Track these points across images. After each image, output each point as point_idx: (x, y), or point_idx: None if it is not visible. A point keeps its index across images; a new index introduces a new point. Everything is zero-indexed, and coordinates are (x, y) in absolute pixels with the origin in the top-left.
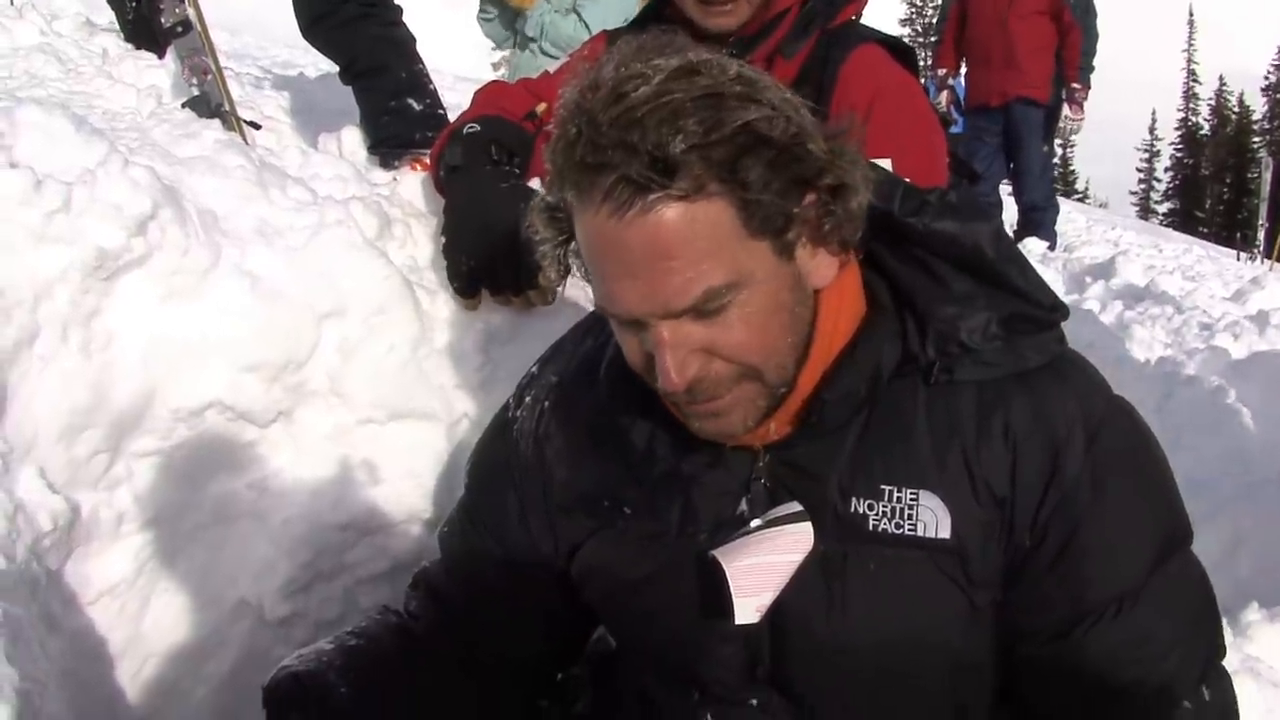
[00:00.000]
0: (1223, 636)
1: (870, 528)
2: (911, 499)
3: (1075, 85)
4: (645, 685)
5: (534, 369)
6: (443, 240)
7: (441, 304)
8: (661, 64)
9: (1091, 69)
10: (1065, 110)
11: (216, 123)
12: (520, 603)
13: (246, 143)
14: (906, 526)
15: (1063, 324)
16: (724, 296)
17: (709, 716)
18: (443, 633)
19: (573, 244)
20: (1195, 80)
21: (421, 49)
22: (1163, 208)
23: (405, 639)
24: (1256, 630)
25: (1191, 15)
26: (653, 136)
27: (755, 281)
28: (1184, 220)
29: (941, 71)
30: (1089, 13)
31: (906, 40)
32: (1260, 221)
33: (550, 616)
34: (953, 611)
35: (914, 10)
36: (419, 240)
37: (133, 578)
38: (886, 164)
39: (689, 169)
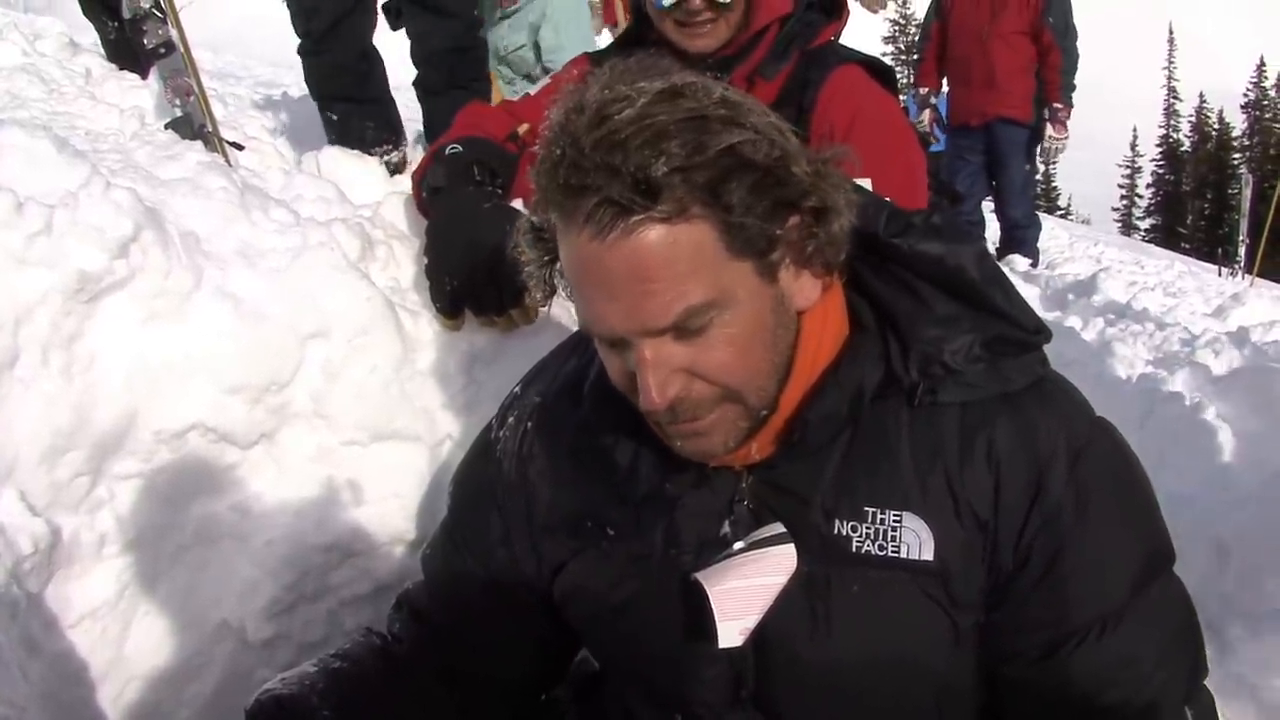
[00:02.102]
0: (1205, 656)
1: (854, 549)
2: (895, 520)
3: (1057, 105)
4: (629, 706)
5: (517, 389)
6: (425, 261)
7: (424, 325)
8: (645, 87)
9: (1073, 88)
10: (1049, 130)
11: (199, 144)
12: (502, 624)
13: (229, 164)
14: (890, 548)
15: (1045, 344)
16: (705, 315)
17: None
18: (425, 654)
19: (558, 264)
20: (1176, 97)
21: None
22: (1145, 224)
23: (388, 661)
24: (1240, 646)
25: (1172, 33)
26: (635, 159)
27: (737, 302)
28: (1166, 236)
29: (924, 90)
30: (1069, 34)
31: (889, 59)
32: (1241, 237)
33: (533, 638)
34: (936, 633)
35: (897, 28)
36: (401, 261)
37: (114, 600)
38: (867, 184)
39: (671, 191)
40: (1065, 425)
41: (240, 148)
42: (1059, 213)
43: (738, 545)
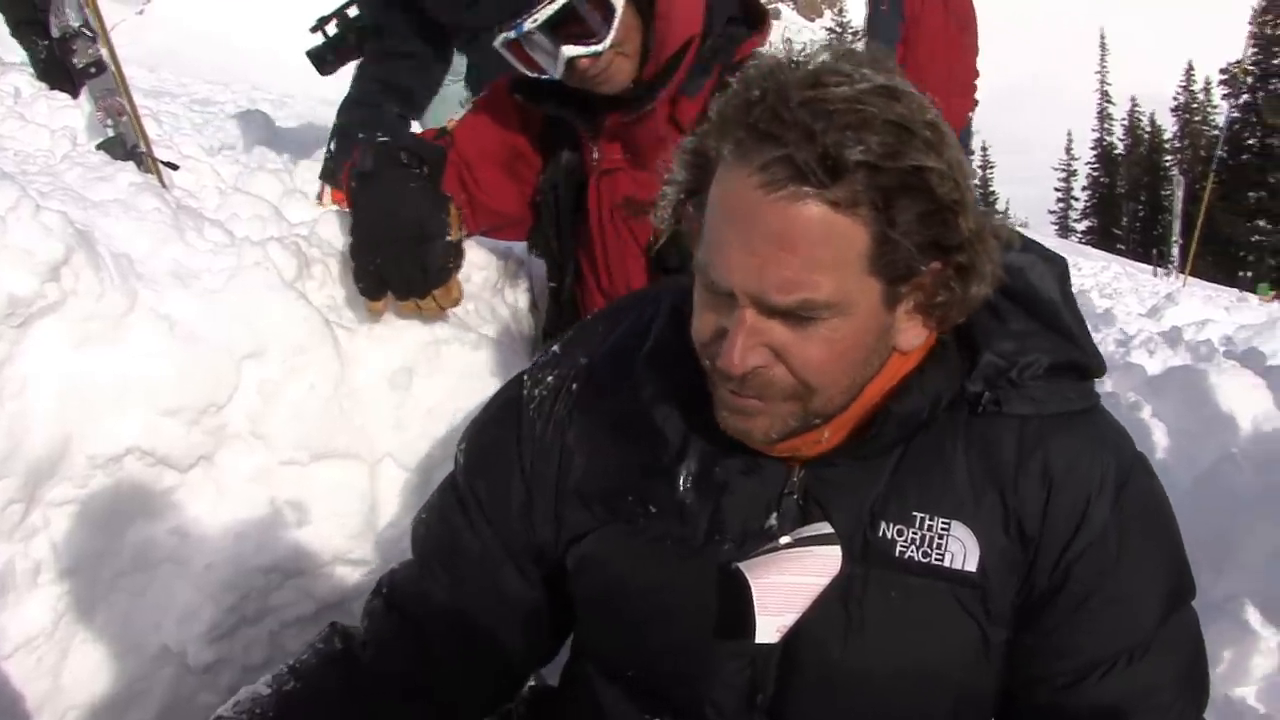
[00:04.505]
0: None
1: (897, 554)
2: (943, 528)
3: None
4: (601, 704)
5: (556, 348)
6: (349, 242)
7: (361, 342)
8: (868, 74)
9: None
10: None
11: (131, 165)
12: (495, 609)
13: (163, 184)
14: (934, 556)
15: (1101, 375)
16: (819, 312)
17: None
18: (394, 662)
19: (694, 198)
20: (1109, 101)
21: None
22: (1081, 226)
23: (348, 673)
24: None
25: (1103, 38)
26: (834, 134)
27: (853, 314)
28: (1102, 238)
29: None
30: None
31: None
32: (1174, 238)
33: (521, 630)
34: (967, 645)
35: (834, 36)
36: (338, 279)
37: (50, 629)
38: None
39: (853, 180)
40: (1115, 455)
41: (175, 167)
42: (997, 216)
43: (783, 540)
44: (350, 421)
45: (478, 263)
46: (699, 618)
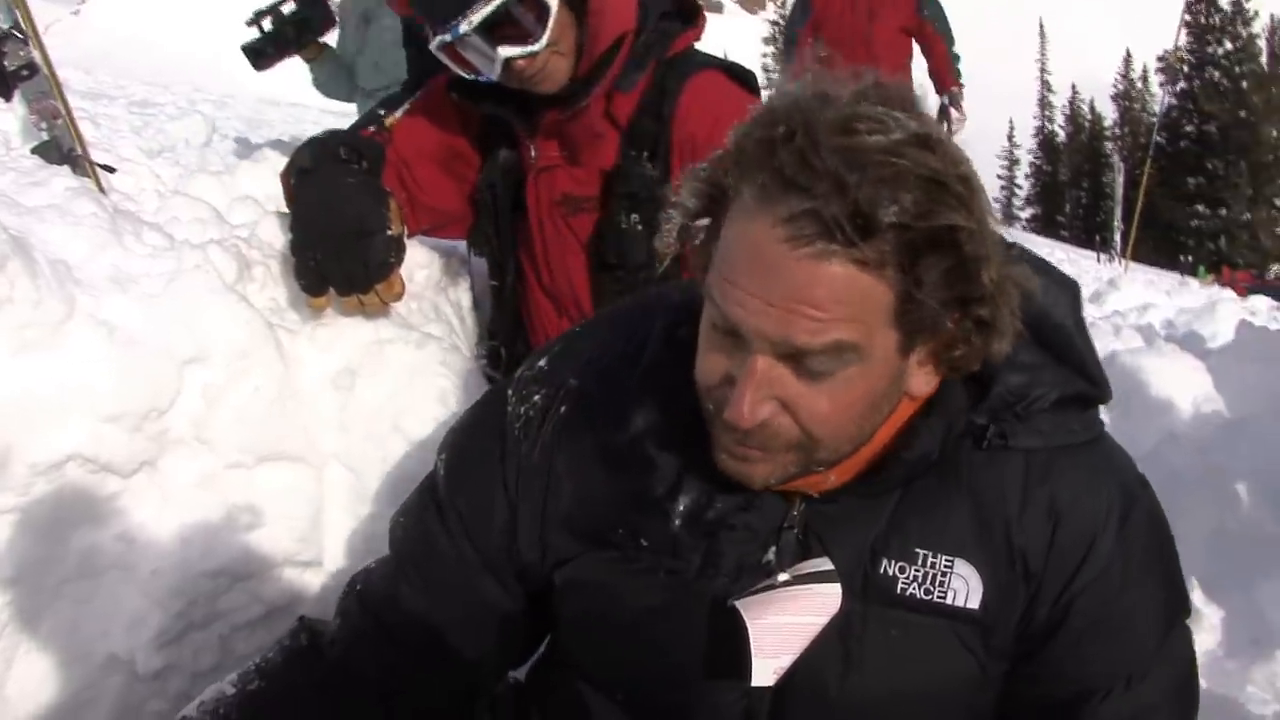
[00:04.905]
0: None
1: (898, 591)
2: (946, 566)
3: (954, 89)
4: (588, 705)
5: (542, 363)
6: (289, 239)
7: (304, 343)
8: (901, 121)
9: (959, 72)
10: (952, 114)
11: (66, 169)
12: (463, 616)
13: (101, 188)
14: (936, 594)
15: (1107, 401)
16: (842, 359)
17: None
18: (359, 662)
19: (703, 224)
20: (1049, 90)
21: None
22: (1025, 213)
23: (314, 671)
24: None
25: (1042, 27)
26: (868, 190)
27: (869, 362)
28: (1045, 225)
29: None
30: (945, 21)
31: (769, 59)
32: (1116, 223)
33: (497, 635)
34: (966, 679)
35: (777, 29)
36: (280, 281)
37: None
38: None
39: (883, 241)
40: (1120, 485)
41: (112, 170)
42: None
43: (782, 577)
44: (294, 424)
45: (420, 261)
46: (692, 650)
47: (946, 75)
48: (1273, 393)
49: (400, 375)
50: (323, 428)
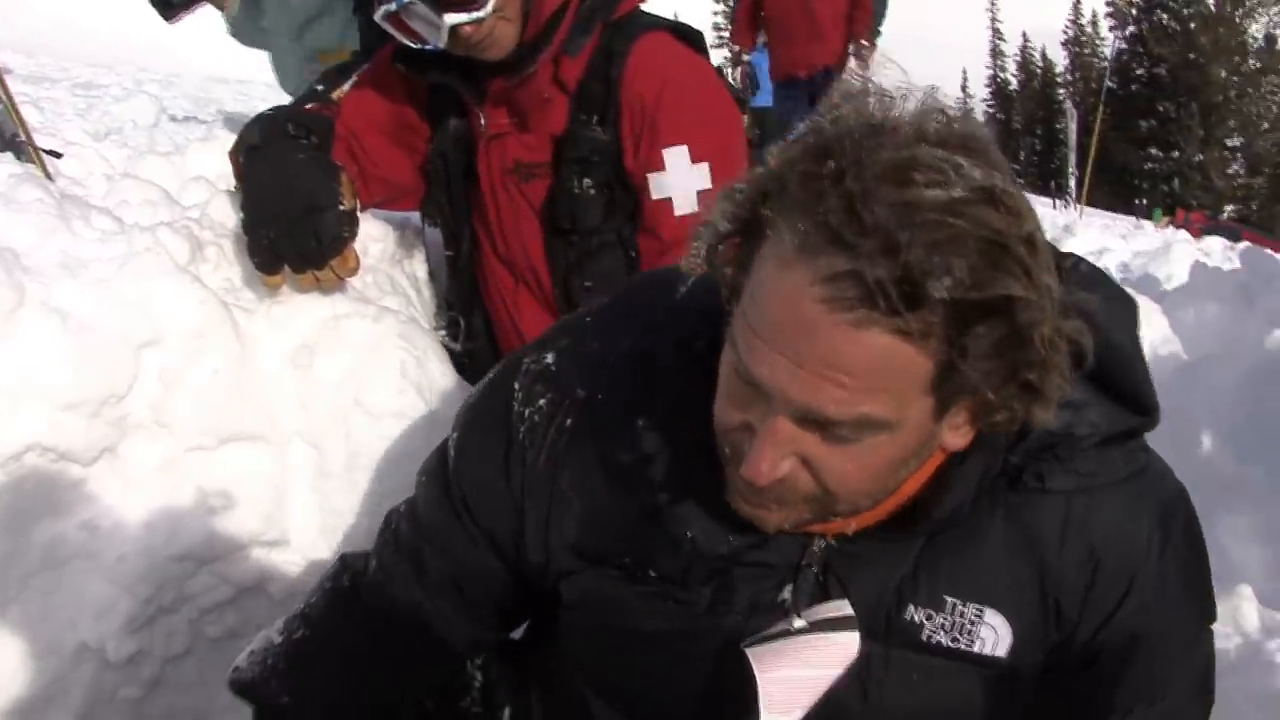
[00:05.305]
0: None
1: (923, 638)
2: (975, 614)
3: (865, 44)
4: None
5: (549, 359)
6: (241, 218)
7: (260, 322)
8: (964, 170)
9: (879, 33)
10: (851, 64)
11: (9, 155)
12: (479, 579)
13: (47, 173)
14: (963, 642)
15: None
16: (870, 431)
17: None
18: (393, 607)
19: (733, 255)
20: (1000, 39)
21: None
22: None
23: (354, 616)
24: None
25: None
26: (919, 253)
27: (901, 429)
28: None
29: (736, 48)
30: None
31: (719, 19)
32: (1070, 170)
33: (498, 608)
34: (986, 711)
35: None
36: (233, 261)
37: None
38: (682, 150)
39: (929, 314)
40: (1160, 507)
41: (58, 155)
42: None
43: (797, 623)
44: (254, 403)
45: (374, 234)
46: (698, 683)
47: (861, 27)
48: (1228, 333)
49: (359, 350)
50: (283, 406)
